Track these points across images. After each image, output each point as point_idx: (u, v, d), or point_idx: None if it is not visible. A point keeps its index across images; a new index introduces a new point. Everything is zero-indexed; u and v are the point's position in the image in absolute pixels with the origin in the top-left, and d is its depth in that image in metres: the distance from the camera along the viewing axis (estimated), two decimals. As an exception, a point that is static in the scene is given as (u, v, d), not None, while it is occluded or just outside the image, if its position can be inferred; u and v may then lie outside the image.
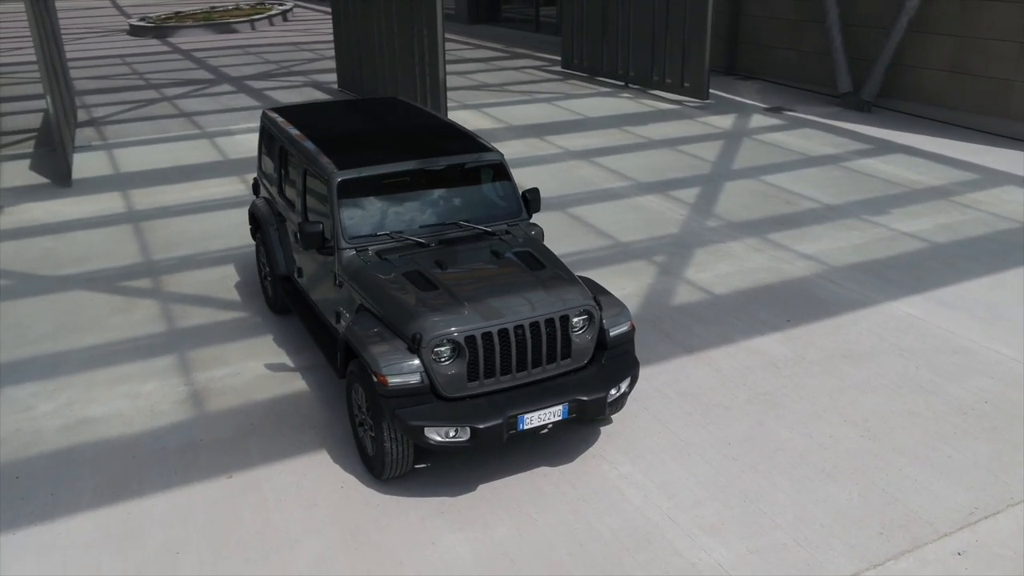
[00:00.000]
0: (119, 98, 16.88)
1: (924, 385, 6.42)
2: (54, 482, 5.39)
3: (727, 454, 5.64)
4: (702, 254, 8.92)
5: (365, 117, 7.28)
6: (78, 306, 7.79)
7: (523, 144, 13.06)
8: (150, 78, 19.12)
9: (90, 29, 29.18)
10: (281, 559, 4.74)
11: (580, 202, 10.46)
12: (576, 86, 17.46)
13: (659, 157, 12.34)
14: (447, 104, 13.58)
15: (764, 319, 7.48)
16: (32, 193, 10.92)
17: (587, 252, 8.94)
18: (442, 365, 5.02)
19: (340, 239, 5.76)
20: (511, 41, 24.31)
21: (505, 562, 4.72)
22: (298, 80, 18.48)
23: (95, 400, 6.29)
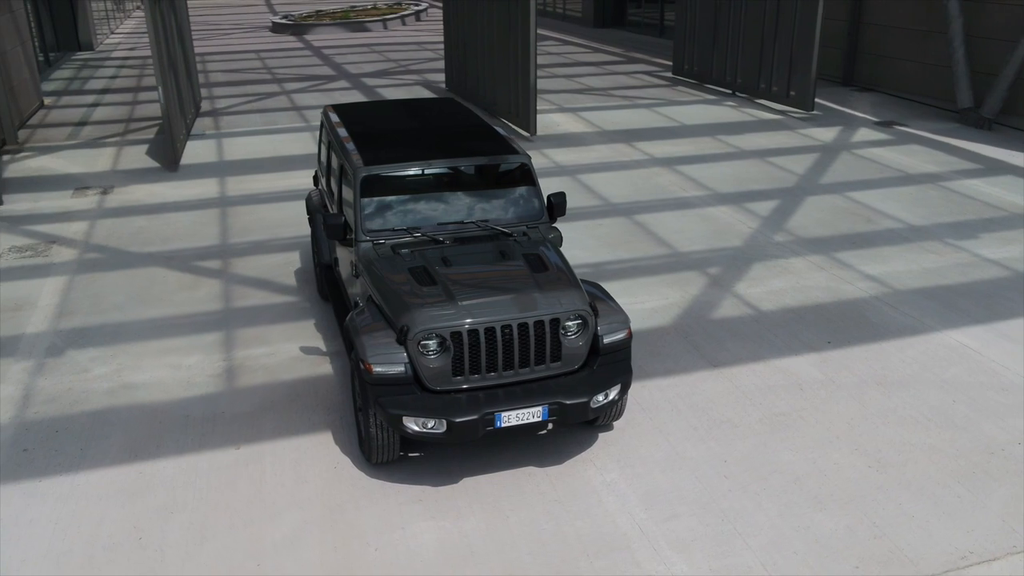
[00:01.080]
0: (243, 91, 17.97)
1: (956, 420, 6.07)
2: (86, 439, 5.91)
3: (720, 471, 5.54)
4: (759, 268, 8.69)
5: (411, 117, 7.54)
6: (152, 281, 8.44)
7: (609, 149, 13.05)
8: (277, 73, 20.23)
9: (238, 26, 31.08)
10: (260, 528, 5.04)
11: (649, 209, 10.38)
12: (682, 93, 17.22)
13: (745, 168, 12.05)
14: (537, 106, 13.74)
15: (804, 339, 7.24)
16: (141, 176, 11.85)
17: (640, 260, 8.89)
18: (428, 358, 5.19)
19: (359, 231, 6.02)
20: (632, 45, 24.19)
21: (465, 553, 4.84)
22: (411, 79, 19.10)
23: (142, 368, 6.83)
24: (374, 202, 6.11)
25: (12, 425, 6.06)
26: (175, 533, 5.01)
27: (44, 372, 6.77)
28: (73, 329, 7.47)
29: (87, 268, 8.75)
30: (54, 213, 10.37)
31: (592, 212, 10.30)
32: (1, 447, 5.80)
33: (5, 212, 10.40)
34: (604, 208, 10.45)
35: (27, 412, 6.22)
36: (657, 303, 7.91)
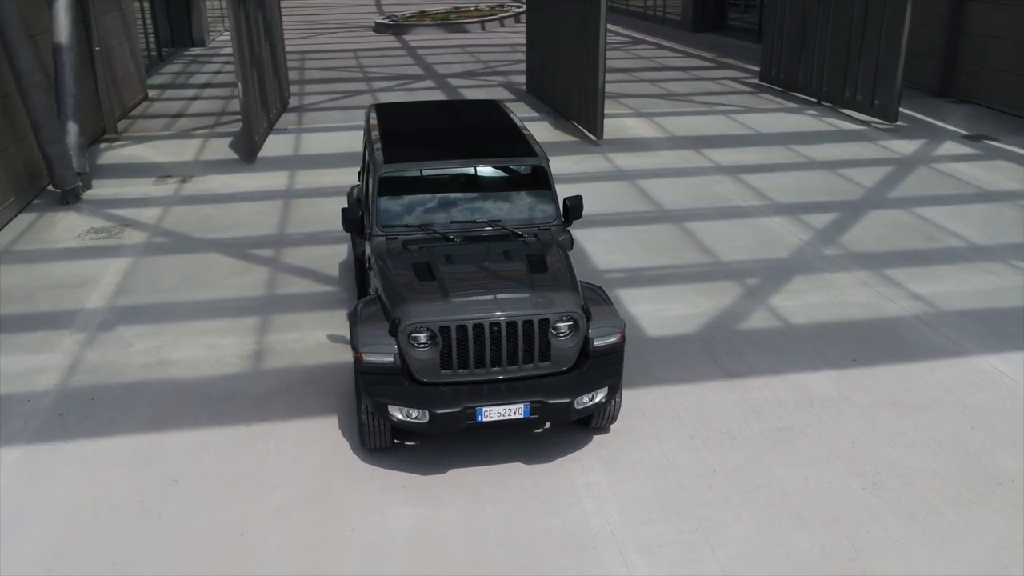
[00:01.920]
0: (332, 88, 18.65)
1: (970, 448, 5.83)
2: (116, 408, 6.37)
3: (706, 481, 5.51)
4: (800, 281, 8.51)
5: (444, 118, 7.74)
6: (207, 266, 8.94)
7: (675, 155, 12.95)
8: (368, 72, 20.88)
9: (344, 25, 32.14)
10: (251, 501, 5.34)
11: (700, 217, 10.28)
12: (764, 100, 16.88)
13: (811, 179, 11.75)
14: (611, 111, 13.75)
15: (828, 355, 7.07)
16: (219, 167, 12.52)
17: (678, 267, 8.84)
18: (418, 351, 5.37)
19: (373, 226, 6.27)
20: (727, 51, 23.81)
21: (436, 541, 5.00)
22: (494, 80, 19.39)
23: (180, 346, 7.27)
24: (392, 198, 6.34)
25: (55, 391, 6.58)
26: (175, 500, 5.36)
27: (93, 344, 7.31)
28: (127, 307, 8.01)
29: (152, 251, 9.35)
30: (134, 198, 11.09)
31: (642, 217, 10.28)
32: (41, 410, 6.32)
33: (92, 196, 11.18)
34: (655, 214, 10.41)
35: (70, 380, 6.74)
36: (685, 311, 7.87)
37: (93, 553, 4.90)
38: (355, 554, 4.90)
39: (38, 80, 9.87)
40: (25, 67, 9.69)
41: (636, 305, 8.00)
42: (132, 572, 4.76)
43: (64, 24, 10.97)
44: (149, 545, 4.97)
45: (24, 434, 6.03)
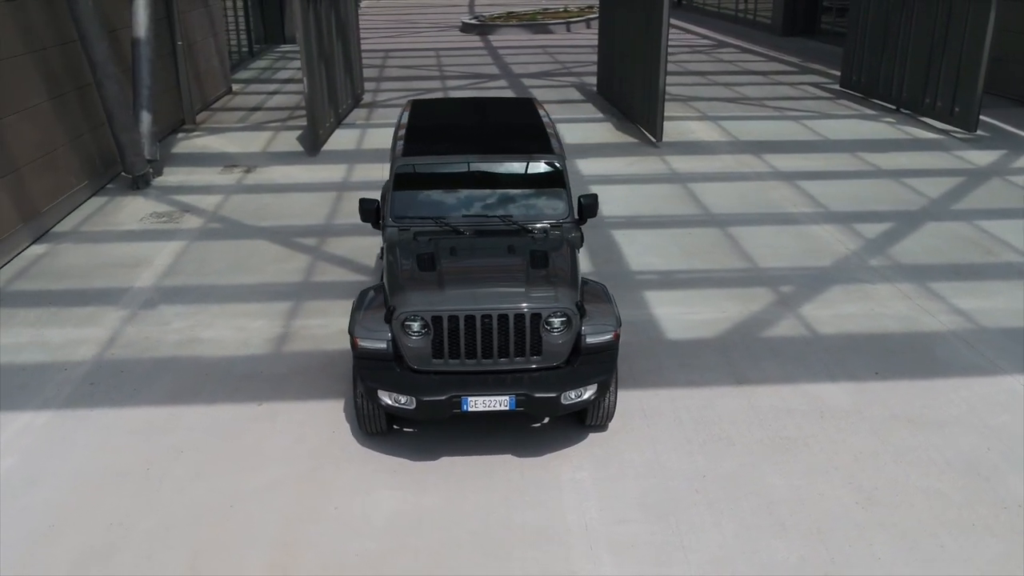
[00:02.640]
0: (407, 85, 19.03)
1: (981, 469, 5.58)
2: (142, 381, 6.72)
3: (693, 485, 5.45)
4: (837, 292, 8.27)
5: (475, 114, 7.84)
6: (253, 252, 9.31)
7: (734, 160, 12.72)
8: (446, 70, 21.20)
9: (434, 25, 32.67)
10: (246, 475, 5.56)
11: (746, 222, 10.09)
12: (841, 106, 16.38)
13: (872, 187, 11.37)
14: (675, 113, 13.62)
15: (850, 366, 6.87)
16: (283, 158, 12.97)
17: (713, 271, 8.71)
18: (411, 338, 5.49)
19: (387, 217, 6.43)
20: (814, 55, 23.18)
21: (412, 524, 5.11)
22: (566, 81, 19.42)
23: (212, 326, 7.61)
24: (407, 189, 6.49)
25: (90, 362, 6.99)
26: (178, 470, 5.64)
27: (134, 321, 7.72)
28: (172, 287, 8.42)
29: (205, 236, 9.78)
30: (199, 186, 11.61)
31: (686, 221, 10.16)
32: (75, 379, 6.73)
33: (161, 182, 11.77)
34: (700, 218, 10.27)
35: (106, 352, 7.15)
36: (710, 316, 7.76)
37: (93, 513, 5.20)
38: (332, 531, 5.05)
39: (111, 71, 10.45)
40: (100, 59, 10.29)
41: (661, 307, 7.93)
42: (124, 532, 5.04)
43: (142, 20, 11.57)
44: (146, 510, 5.25)
45: (55, 400, 6.43)
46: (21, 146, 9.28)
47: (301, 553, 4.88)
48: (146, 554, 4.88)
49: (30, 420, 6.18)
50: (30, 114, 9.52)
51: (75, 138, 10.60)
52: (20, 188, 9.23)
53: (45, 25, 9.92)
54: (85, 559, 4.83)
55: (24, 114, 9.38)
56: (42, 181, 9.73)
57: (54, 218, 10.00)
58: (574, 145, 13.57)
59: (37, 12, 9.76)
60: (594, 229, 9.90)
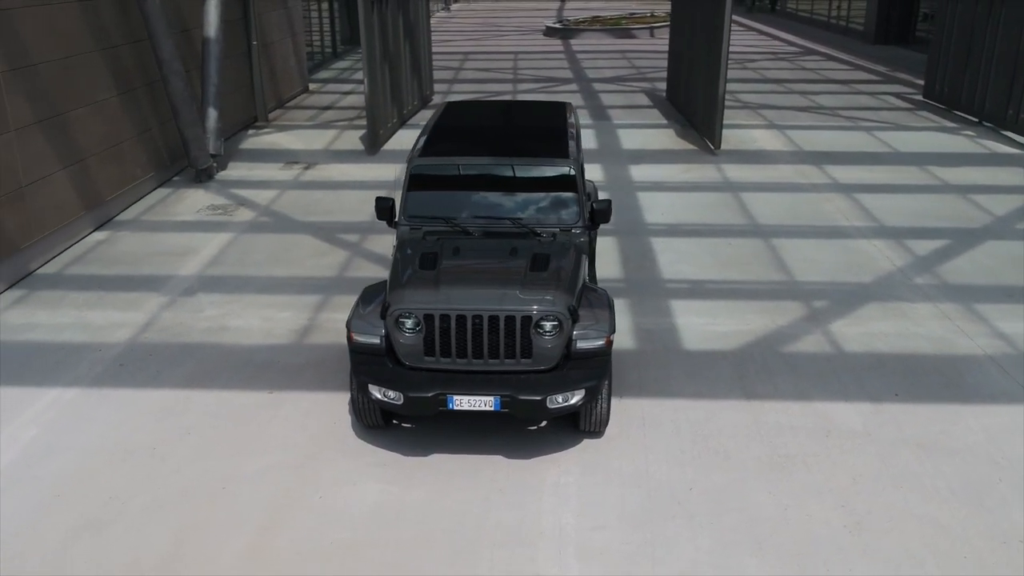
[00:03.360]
0: (478, 88, 19.23)
1: (987, 501, 5.32)
2: (166, 364, 7.04)
3: (678, 497, 5.37)
4: (873, 308, 7.99)
5: (503, 117, 7.91)
6: (294, 246, 9.60)
7: (793, 170, 12.40)
8: (520, 74, 21.33)
9: (519, 28, 32.90)
10: (243, 459, 5.77)
11: (791, 234, 9.84)
12: (919, 118, 15.76)
13: (934, 203, 10.92)
14: (724, 120, 13.38)
15: (869, 386, 6.64)
16: (342, 156, 13.31)
17: (746, 283, 8.54)
18: (404, 335, 5.59)
19: (400, 215, 6.56)
20: (904, 64, 22.37)
21: (390, 517, 5.21)
22: (638, 86, 19.27)
23: (242, 316, 7.90)
24: (421, 189, 6.60)
25: (124, 344, 7.36)
26: (182, 450, 5.89)
27: (171, 307, 8.08)
28: (212, 276, 8.77)
29: (253, 229, 10.15)
30: (258, 181, 12.04)
31: (728, 230, 9.98)
32: (106, 360, 7.10)
33: (224, 176, 12.25)
34: (744, 228, 10.07)
35: (140, 336, 7.51)
36: (733, 327, 7.61)
37: (96, 487, 5.49)
38: (313, 518, 5.20)
39: (177, 68, 10.95)
40: (166, 56, 10.79)
41: (684, 317, 7.83)
42: (120, 506, 5.30)
43: (213, 20, 12.08)
44: (144, 486, 5.51)
45: (84, 379, 6.80)
46: (87, 138, 9.82)
47: (278, 538, 5.04)
48: (136, 528, 5.12)
49: (58, 395, 6.56)
50: (98, 108, 10.07)
51: (143, 132, 11.15)
52: (85, 178, 9.78)
53: (117, 24, 10.48)
54: (79, 529, 5.10)
55: (92, 108, 9.92)
56: (107, 171, 10.27)
57: (118, 207, 10.55)
58: (631, 151, 13.48)
59: (109, 12, 10.31)
60: (632, 236, 9.83)
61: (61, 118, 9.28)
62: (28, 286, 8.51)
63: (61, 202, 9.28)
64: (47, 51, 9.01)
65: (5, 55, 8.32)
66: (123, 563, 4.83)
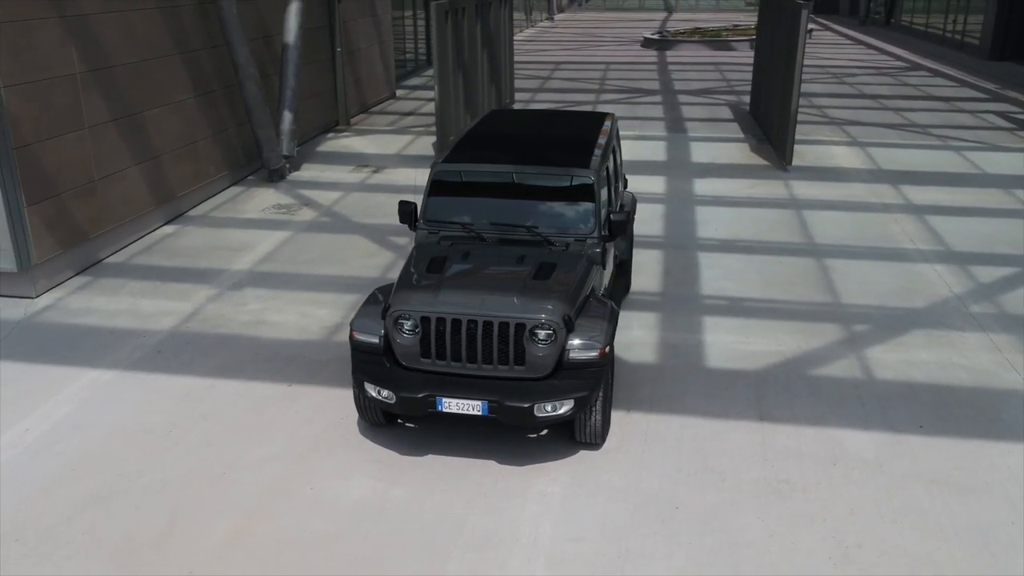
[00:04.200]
0: (561, 97, 19.29)
1: (992, 543, 5.01)
2: (201, 353, 7.38)
3: (662, 515, 5.28)
4: (918, 336, 7.62)
5: (539, 126, 7.94)
6: (347, 246, 9.89)
7: (866, 189, 11.94)
8: (606, 84, 21.27)
9: (618, 39, 32.80)
10: (248, 447, 6.00)
11: (848, 255, 9.48)
12: (1017, 139, 14.91)
13: (1011, 229, 10.31)
14: (802, 135, 13.00)
15: (892, 417, 6.35)
16: (412, 161, 13.59)
17: (787, 303, 8.28)
18: (403, 336, 5.71)
19: (419, 219, 6.69)
20: (1016, 82, 21.16)
21: (372, 512, 5.32)
22: (722, 99, 18.91)
23: (281, 311, 8.20)
24: (441, 194, 6.73)
25: (166, 332, 7.76)
26: (195, 435, 6.18)
27: (218, 299, 8.47)
28: (262, 272, 9.14)
29: (311, 228, 10.51)
30: (326, 182, 12.45)
31: (782, 249, 9.70)
32: (147, 346, 7.50)
33: (295, 177, 12.73)
34: (799, 247, 9.76)
35: (183, 325, 7.90)
36: (762, 347, 7.41)
37: (110, 464, 5.83)
38: (299, 508, 5.36)
39: (251, 73, 11.46)
40: (241, 61, 11.31)
41: (714, 334, 7.66)
42: (127, 483, 5.61)
43: (292, 27, 12.58)
44: (153, 466, 5.81)
45: (123, 362, 7.21)
46: (162, 137, 10.40)
47: (262, 525, 5.22)
48: (136, 505, 5.40)
49: (97, 376, 6.98)
50: (175, 108, 10.65)
51: (219, 132, 11.72)
52: (158, 174, 10.35)
53: (197, 30, 11.05)
54: (86, 502, 5.43)
55: (168, 108, 10.50)
56: (181, 169, 10.84)
57: (190, 203, 11.12)
58: (700, 164, 13.27)
59: (190, 18, 10.89)
60: (680, 250, 9.69)
61: (136, 117, 9.87)
62: (94, 273, 9.08)
63: (132, 196, 9.86)
64: (124, 54, 9.60)
65: (83, 57, 8.92)
66: (117, 538, 5.11)
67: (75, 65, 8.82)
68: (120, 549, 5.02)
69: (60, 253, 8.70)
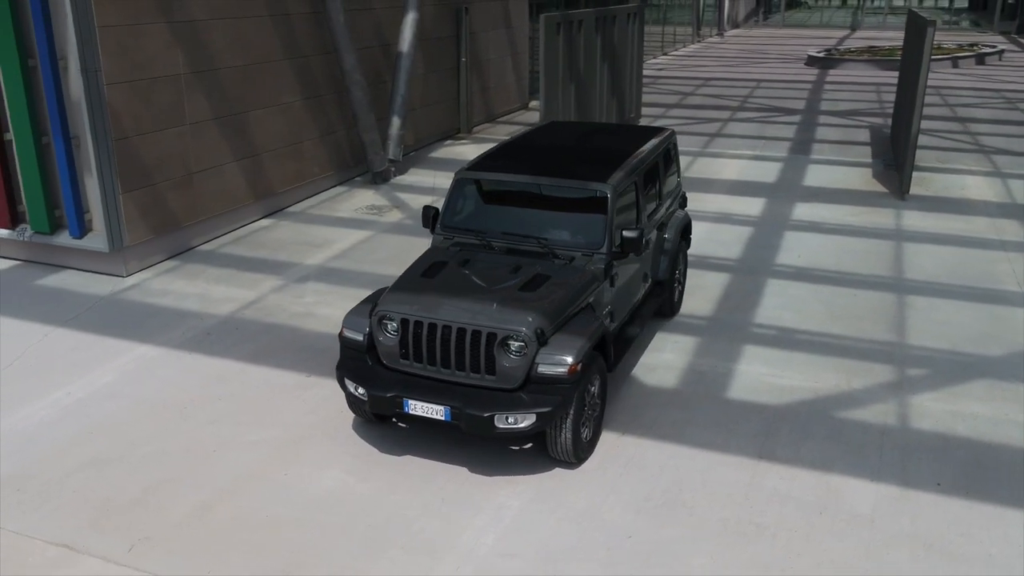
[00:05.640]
0: (695, 114, 18.83)
1: (969, 620, 4.48)
2: (243, 339, 7.83)
3: (610, 543, 5.09)
4: (979, 387, 6.90)
5: (580, 138, 7.84)
6: (414, 248, 10.05)
7: (987, 223, 10.87)
8: (749, 102, 20.53)
9: (783, 56, 31.54)
10: (246, 430, 6.31)
11: (935, 293, 8.70)
12: None
13: None
14: (914, 162, 12.04)
15: (911, 471, 5.79)
16: (514, 170, 13.74)
17: (842, 338, 7.72)
18: (386, 336, 5.83)
19: (437, 224, 6.79)
20: None
21: (331, 503, 5.46)
22: (865, 121, 17.78)
23: (330, 305, 8.55)
24: (461, 201, 6.81)
25: (222, 317, 8.29)
26: (205, 413, 6.58)
27: (280, 290, 8.95)
28: (329, 268, 9.56)
29: (392, 230, 10.86)
30: (423, 187, 12.82)
31: (863, 281, 9.03)
32: (201, 328, 8.04)
33: (398, 180, 13.19)
34: (884, 280, 9.06)
35: (239, 312, 8.41)
36: (796, 383, 6.95)
37: (124, 432, 6.32)
38: (266, 492, 5.59)
39: (357, 79, 12.02)
40: (348, 68, 11.89)
41: (749, 364, 7.27)
42: (129, 451, 6.06)
43: (407, 37, 13.08)
44: (159, 437, 6.24)
45: (173, 341, 7.78)
46: (264, 136, 11.11)
47: (227, 503, 5.49)
48: (129, 472, 5.83)
49: (145, 352, 7.57)
50: (281, 110, 11.34)
51: (326, 134, 12.36)
52: (258, 170, 11.07)
53: (310, 37, 11.73)
54: (88, 463, 5.92)
55: (273, 109, 11.21)
56: (283, 167, 11.53)
57: (290, 199, 11.79)
58: (809, 188, 12.58)
59: (303, 26, 11.57)
60: (749, 275, 9.24)
61: (239, 117, 10.61)
62: (184, 259, 9.84)
63: (229, 190, 10.60)
64: (231, 58, 10.35)
65: (188, 60, 9.71)
66: (99, 499, 5.55)
67: (180, 67, 9.62)
68: (97, 509, 5.44)
69: (152, 238, 9.51)
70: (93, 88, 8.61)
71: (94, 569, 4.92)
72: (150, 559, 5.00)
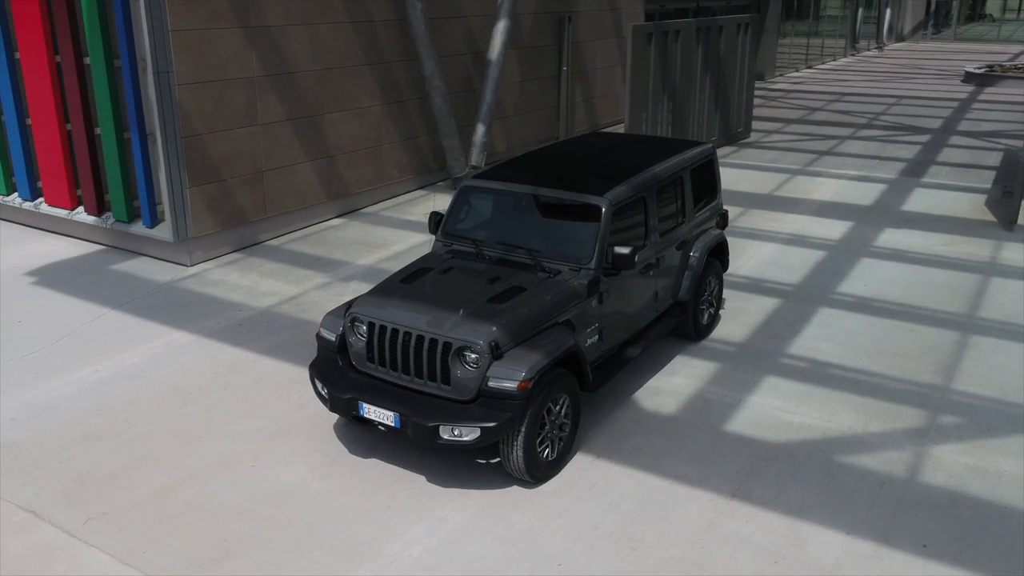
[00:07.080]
0: (811, 129, 17.88)
1: None
2: (269, 332, 8.10)
3: (536, 569, 4.91)
4: (1018, 442, 6.16)
5: (604, 150, 7.59)
6: (469, 255, 10.18)
7: (1102, 262, 9.71)
8: (880, 119, 19.27)
9: (941, 71, 29.45)
10: (238, 419, 6.52)
11: (1005, 335, 7.85)
12: None
13: None
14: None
15: (900, 528, 5.24)
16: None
17: (878, 376, 7.10)
18: (356, 339, 5.87)
19: (439, 231, 6.78)
20: None
21: (283, 498, 5.55)
22: (1006, 145, 16.26)
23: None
24: (464, 208, 6.77)
25: (259, 310, 8.61)
26: (208, 398, 6.86)
27: (323, 288, 9.20)
28: (377, 268, 9.75)
29: (453, 235, 10.95)
30: (502, 194, 12.83)
31: (929, 317, 8.27)
32: (235, 318, 8.39)
33: (479, 186, 13.27)
34: (952, 317, 8.26)
35: (277, 306, 8.72)
36: (807, 420, 6.46)
37: (129, 410, 6.68)
38: (227, 480, 5.76)
39: (437, 85, 12.19)
40: (428, 74, 12.08)
41: (763, 396, 6.82)
42: (126, 429, 6.40)
43: (497, 45, 13.14)
44: (159, 418, 6.56)
45: (205, 329, 8.16)
46: (340, 138, 11.47)
47: (188, 488, 5.70)
48: (117, 449, 6.17)
49: (177, 338, 7.98)
50: (358, 113, 11.68)
51: (407, 138, 12.62)
52: (332, 171, 11.44)
53: (394, 43, 12.02)
54: (83, 438, 6.30)
55: (350, 113, 11.55)
56: (360, 169, 11.87)
57: (366, 200, 12.12)
58: (906, 213, 11.65)
59: (388, 32, 11.87)
60: (802, 302, 8.66)
61: (314, 119, 11.01)
62: (249, 252, 10.31)
63: (301, 188, 11.01)
64: (307, 62, 10.76)
65: (261, 63, 10.18)
66: (80, 472, 5.89)
67: (253, 69, 10.10)
68: (75, 481, 5.78)
69: (218, 231, 10.03)
70: (164, 88, 9.19)
71: (48, 538, 5.23)
72: (100, 534, 5.26)
